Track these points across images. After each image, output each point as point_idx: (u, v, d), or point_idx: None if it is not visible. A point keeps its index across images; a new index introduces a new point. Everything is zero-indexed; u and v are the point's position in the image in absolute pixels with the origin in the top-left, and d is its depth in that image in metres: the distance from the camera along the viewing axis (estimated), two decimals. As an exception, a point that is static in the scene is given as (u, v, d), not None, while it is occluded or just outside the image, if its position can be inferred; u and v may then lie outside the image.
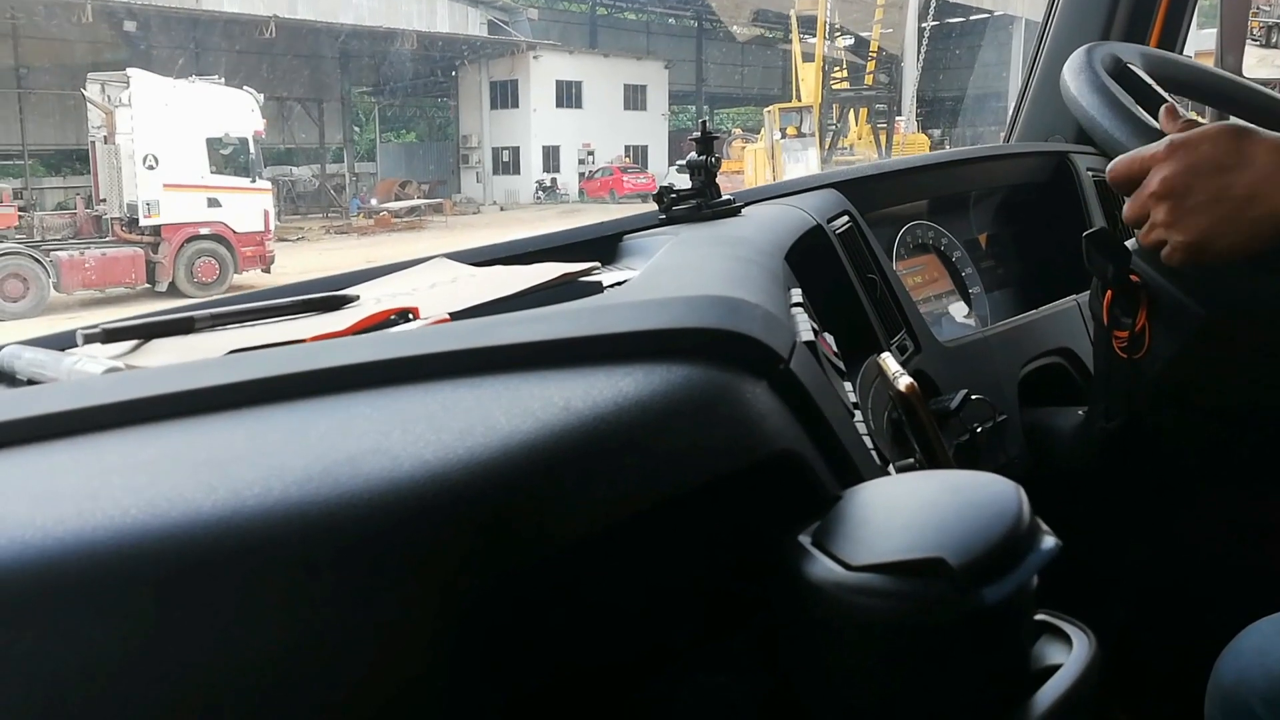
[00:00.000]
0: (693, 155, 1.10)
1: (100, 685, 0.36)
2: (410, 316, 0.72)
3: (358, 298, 0.82)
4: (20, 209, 16.51)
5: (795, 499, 0.53)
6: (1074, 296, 1.50)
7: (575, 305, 0.64)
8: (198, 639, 0.37)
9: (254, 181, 15.81)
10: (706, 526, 0.52)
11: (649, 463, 0.48)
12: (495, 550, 0.42)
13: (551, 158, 31.96)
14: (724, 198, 1.10)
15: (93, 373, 0.61)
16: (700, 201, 1.08)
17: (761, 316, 0.58)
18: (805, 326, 0.69)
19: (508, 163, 32.40)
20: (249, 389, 0.51)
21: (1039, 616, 0.51)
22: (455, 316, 0.73)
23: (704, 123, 1.11)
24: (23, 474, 0.46)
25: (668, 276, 0.74)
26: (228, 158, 15.58)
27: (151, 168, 14.74)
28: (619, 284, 0.79)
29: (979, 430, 1.10)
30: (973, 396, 1.05)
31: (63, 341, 0.72)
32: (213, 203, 15.23)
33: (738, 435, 0.51)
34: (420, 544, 0.40)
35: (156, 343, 0.70)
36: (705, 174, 1.09)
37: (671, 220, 1.09)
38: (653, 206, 1.12)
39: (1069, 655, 0.48)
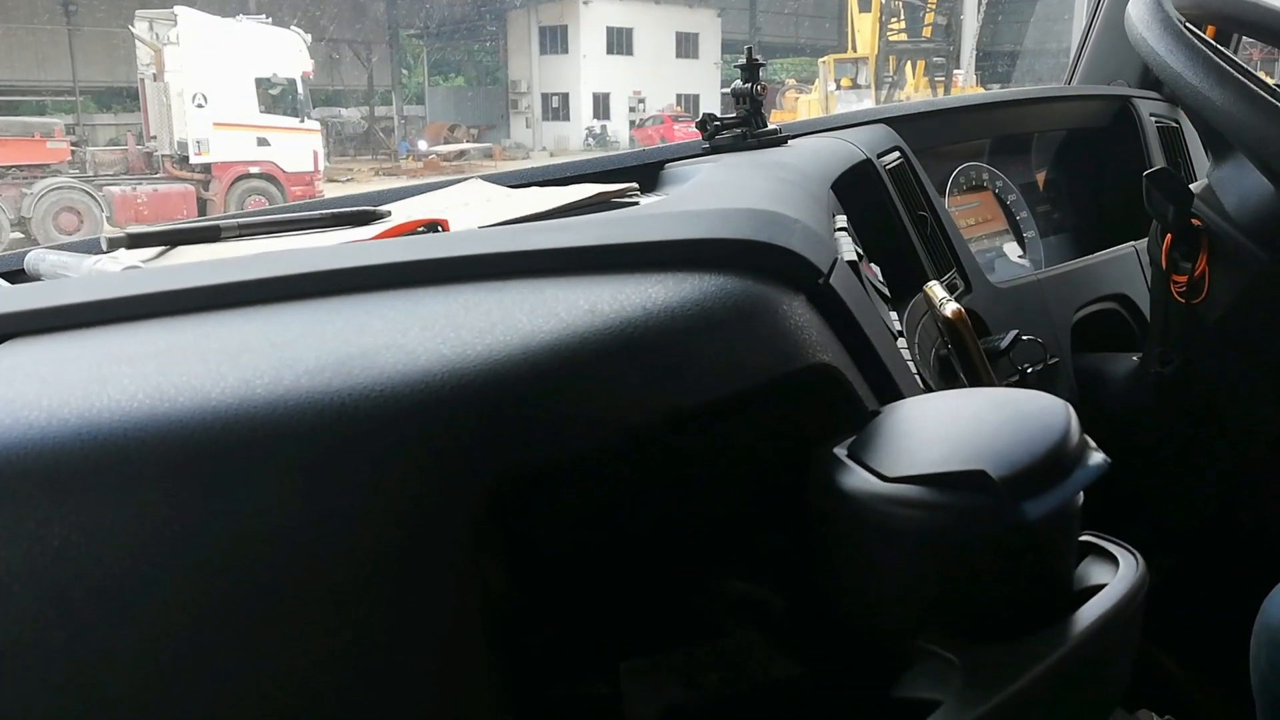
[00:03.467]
0: (737, 83, 1.07)
1: (104, 566, 0.35)
2: (439, 229, 0.70)
3: (389, 213, 0.80)
4: (73, 144, 16.69)
5: (831, 413, 0.51)
6: (1131, 243, 1.46)
7: (607, 215, 0.62)
8: (204, 523, 0.36)
9: (303, 121, 15.84)
10: (736, 437, 0.50)
11: (676, 370, 0.46)
12: (514, 447, 0.40)
13: (601, 105, 31.72)
14: (770, 127, 1.06)
15: (111, 271, 0.60)
16: (745, 130, 1.05)
17: (801, 230, 0.55)
18: (848, 248, 0.66)
19: (557, 109, 32.22)
20: (265, 287, 0.49)
21: (1086, 537, 0.48)
22: (486, 231, 0.71)
23: (750, 49, 1.08)
24: (32, 361, 0.45)
25: (706, 193, 0.71)
26: (276, 98, 15.61)
27: (201, 106, 14.81)
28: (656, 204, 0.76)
29: (1029, 371, 1.07)
30: (1024, 337, 1.01)
31: (89, 247, 0.71)
32: (262, 142, 15.30)
33: (772, 347, 0.49)
34: (435, 437, 0.38)
35: (181, 249, 0.69)
36: (750, 102, 1.06)
37: (715, 149, 1.06)
38: None
39: (1114, 576, 0.46)
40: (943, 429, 0.47)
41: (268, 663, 0.36)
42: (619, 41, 32.20)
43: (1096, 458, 0.44)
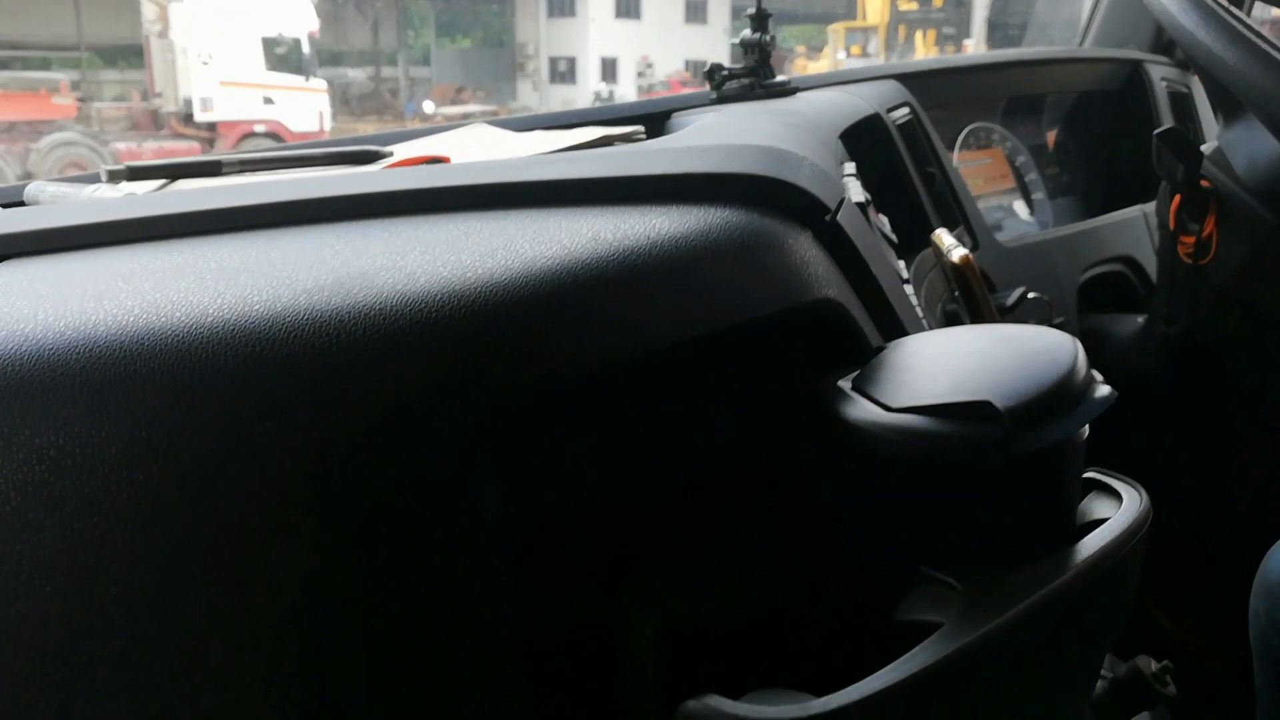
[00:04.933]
0: (746, 32, 1.05)
1: (99, 475, 0.35)
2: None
3: (391, 153, 0.79)
4: (78, 100, 16.61)
5: (836, 348, 0.51)
6: (1139, 206, 1.45)
7: (612, 149, 0.61)
8: (198, 435, 0.35)
9: (308, 81, 15.77)
10: (738, 368, 0.50)
11: (679, 300, 0.45)
12: (513, 370, 0.39)
13: (609, 69, 31.48)
14: (779, 78, 1.05)
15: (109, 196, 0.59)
16: (753, 81, 1.04)
17: (808, 168, 0.55)
18: (857, 190, 0.65)
19: (564, 73, 31.99)
20: (264, 212, 0.49)
21: (1091, 474, 0.48)
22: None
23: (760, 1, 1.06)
24: (29, 279, 0.45)
25: (711, 135, 0.70)
26: (282, 56, 15.52)
27: (206, 63, 14.74)
28: (662, 147, 0.75)
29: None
30: (1030, 295, 1.01)
31: (90, 180, 0.71)
32: (267, 100, 15.23)
33: (776, 281, 0.49)
34: (433, 358, 0.38)
35: (182, 183, 0.68)
36: (760, 52, 1.04)
37: (723, 99, 1.05)
38: None
39: (1118, 510, 0.46)
40: (948, 362, 0.47)
41: (261, 570, 0.35)
42: (628, 6, 31.89)
43: (1102, 390, 0.43)
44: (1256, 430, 1.28)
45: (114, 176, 0.66)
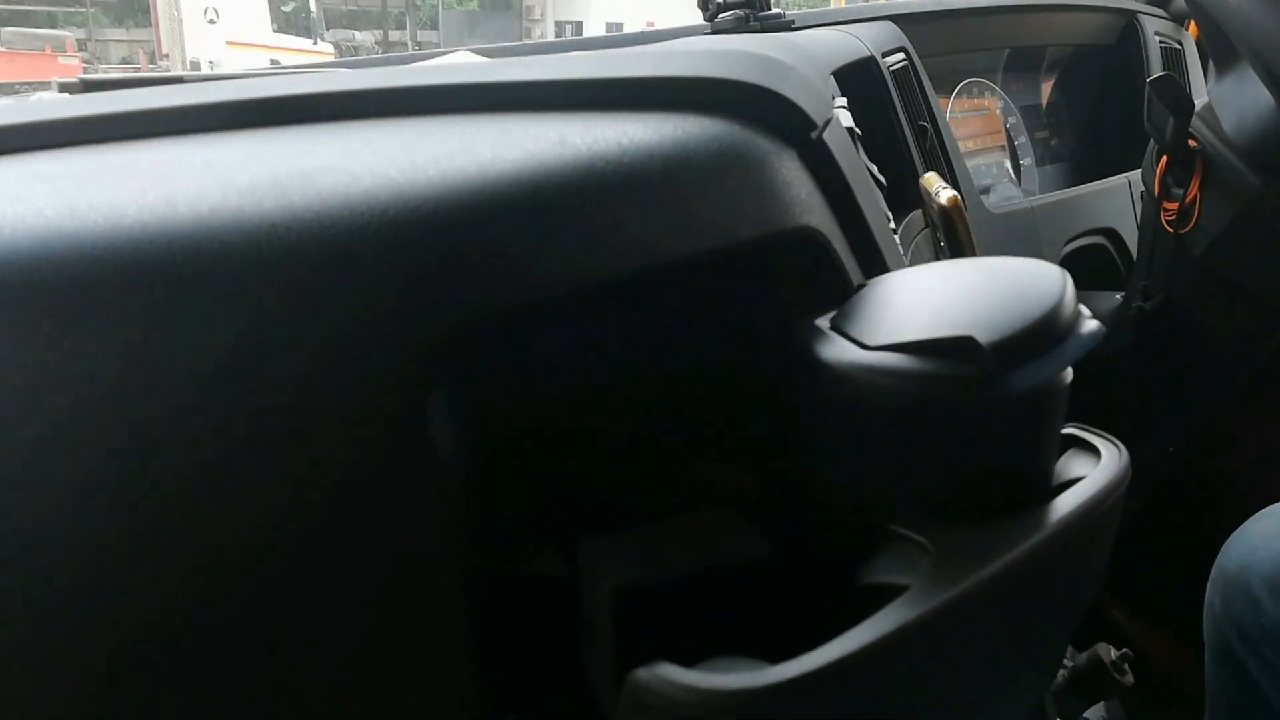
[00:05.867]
0: (744, -39, 1.02)
1: (10, 389, 0.31)
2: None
3: (367, 77, 0.76)
4: (84, 60, 16.54)
5: (815, 282, 0.48)
6: (1125, 175, 1.44)
7: (586, 54, 0.58)
8: (117, 350, 0.32)
9: (315, 44, 15.71)
10: (714, 298, 0.46)
11: (651, 215, 0.42)
12: (466, 285, 0.36)
13: (614, 34, 31.33)
14: (775, 11, 1.01)
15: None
16: (749, 13, 1.00)
17: (796, 79, 0.51)
18: (846, 118, 0.62)
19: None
20: (205, 113, 0.46)
21: (1069, 430, 0.45)
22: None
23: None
24: None
25: (695, 45, 0.67)
26: (289, 16, 15.45)
27: (213, 22, 14.67)
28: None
29: None
30: None
31: (40, 90, 0.68)
32: (274, 63, 15.17)
33: (756, 201, 0.45)
34: (375, 266, 0.35)
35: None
36: (756, -17, 1.01)
37: (717, 31, 1.01)
38: None
39: (1096, 467, 0.43)
40: (930, 297, 0.44)
41: (183, 500, 0.32)
42: (637, -31, 31.68)
43: (1090, 325, 0.40)
44: (1221, 411, 1.27)
45: (66, 89, 0.63)
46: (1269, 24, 0.91)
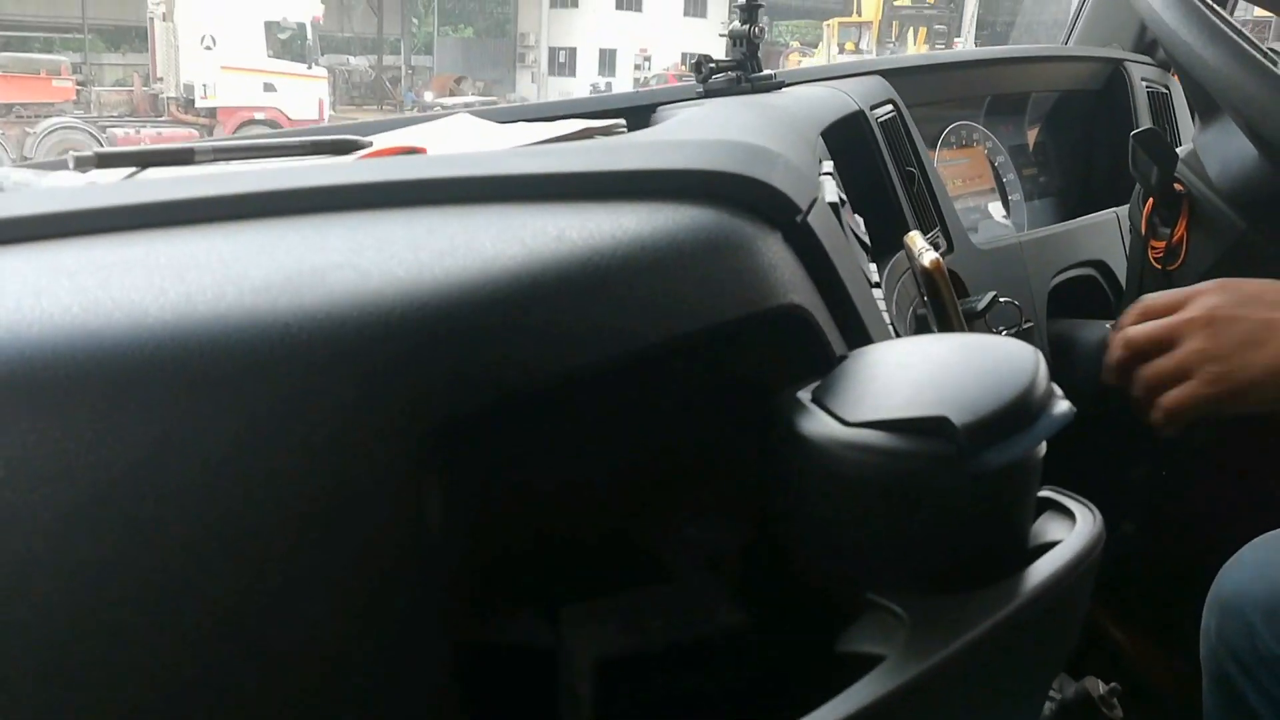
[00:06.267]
0: (735, 24, 1.04)
1: (21, 492, 0.33)
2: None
3: (370, 143, 0.78)
4: (78, 84, 16.57)
5: (799, 356, 0.50)
6: (1113, 209, 1.47)
7: (584, 144, 0.60)
8: (136, 444, 0.34)
9: (310, 68, 15.75)
10: (700, 375, 0.49)
11: (644, 301, 0.44)
12: (467, 376, 0.38)
13: (607, 61, 31.41)
14: (765, 73, 1.04)
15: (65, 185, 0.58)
16: (740, 74, 1.03)
17: (782, 165, 0.54)
18: (831, 190, 0.64)
19: (564, 64, 31.94)
20: (223, 204, 0.48)
21: (1044, 493, 0.47)
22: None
23: (751, -10, 1.06)
24: None
25: (689, 129, 0.69)
26: (285, 43, 15.51)
27: (209, 48, 14.71)
28: (640, 141, 0.75)
29: (1003, 333, 1.07)
30: (1001, 299, 1.01)
31: (56, 167, 0.70)
32: (268, 87, 15.22)
33: (742, 283, 0.48)
34: (381, 361, 0.37)
35: (152, 171, 0.67)
36: (747, 45, 1.04)
37: (709, 93, 1.04)
38: None
39: (1071, 531, 0.45)
40: (908, 374, 0.46)
41: (192, 586, 0.34)
42: (629, -2, 31.86)
43: (1061, 406, 0.42)
44: (1212, 440, 1.29)
45: (81, 164, 0.65)
46: (1249, 85, 0.94)
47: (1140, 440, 1.30)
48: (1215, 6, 1.02)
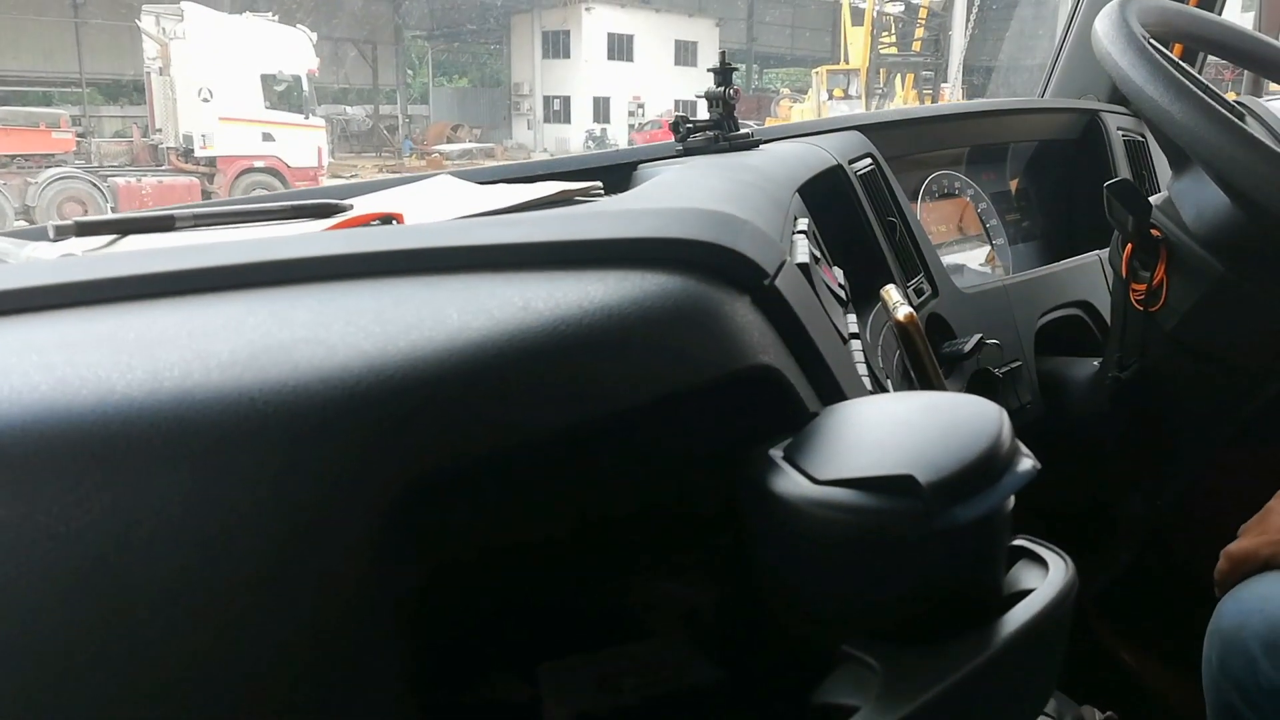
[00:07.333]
0: (710, 86, 1.06)
1: None
2: (393, 222, 0.69)
3: (350, 206, 0.79)
4: (78, 135, 16.69)
5: (771, 414, 0.51)
6: (1096, 252, 1.49)
7: (555, 211, 0.61)
8: (97, 521, 0.34)
9: (307, 118, 15.88)
10: (672, 438, 0.49)
11: (609, 370, 0.45)
12: (433, 446, 0.39)
13: (601, 109, 31.74)
14: (742, 131, 1.06)
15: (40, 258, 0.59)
16: (718, 134, 1.05)
17: (749, 232, 0.55)
18: (803, 251, 0.65)
19: (558, 111, 32.24)
20: (191, 278, 0.49)
21: (1018, 542, 0.48)
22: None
23: (723, 53, 1.08)
24: None
25: (663, 193, 0.70)
26: (282, 94, 15.65)
27: (206, 100, 14.84)
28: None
29: (992, 371, 1.08)
30: (987, 341, 1.02)
31: (37, 235, 0.71)
32: (267, 137, 15.34)
33: (711, 348, 0.48)
34: (348, 435, 0.37)
35: (132, 239, 0.68)
36: (723, 105, 1.05)
37: (688, 151, 1.06)
38: None
39: (1044, 580, 0.45)
40: (876, 432, 0.47)
41: (162, 662, 0.35)
42: (620, 48, 32.22)
43: (1026, 463, 0.43)
44: (1206, 472, 1.30)
45: (61, 232, 0.66)
46: (1216, 139, 0.96)
47: (1135, 471, 1.32)
48: (1181, 63, 1.04)
